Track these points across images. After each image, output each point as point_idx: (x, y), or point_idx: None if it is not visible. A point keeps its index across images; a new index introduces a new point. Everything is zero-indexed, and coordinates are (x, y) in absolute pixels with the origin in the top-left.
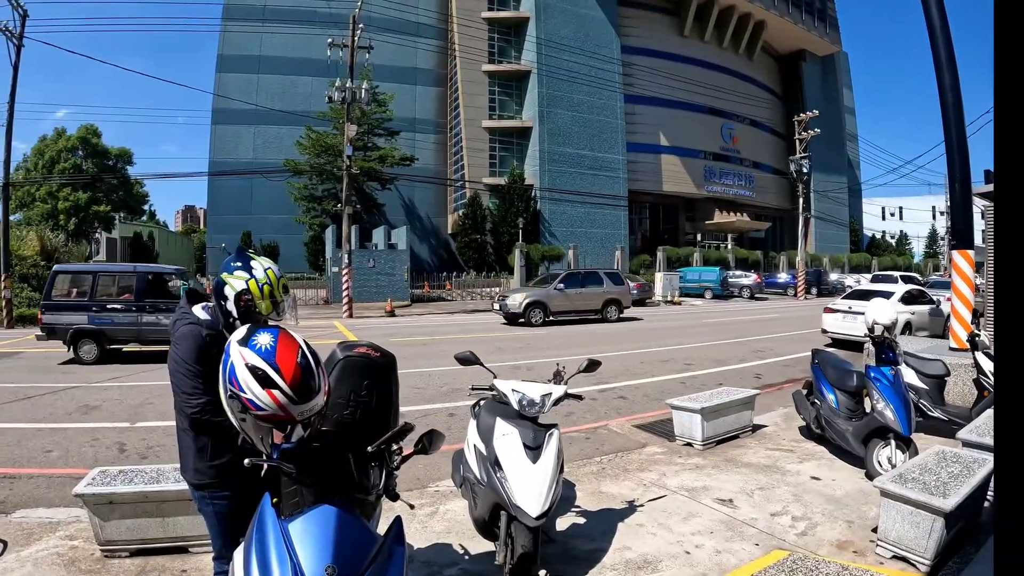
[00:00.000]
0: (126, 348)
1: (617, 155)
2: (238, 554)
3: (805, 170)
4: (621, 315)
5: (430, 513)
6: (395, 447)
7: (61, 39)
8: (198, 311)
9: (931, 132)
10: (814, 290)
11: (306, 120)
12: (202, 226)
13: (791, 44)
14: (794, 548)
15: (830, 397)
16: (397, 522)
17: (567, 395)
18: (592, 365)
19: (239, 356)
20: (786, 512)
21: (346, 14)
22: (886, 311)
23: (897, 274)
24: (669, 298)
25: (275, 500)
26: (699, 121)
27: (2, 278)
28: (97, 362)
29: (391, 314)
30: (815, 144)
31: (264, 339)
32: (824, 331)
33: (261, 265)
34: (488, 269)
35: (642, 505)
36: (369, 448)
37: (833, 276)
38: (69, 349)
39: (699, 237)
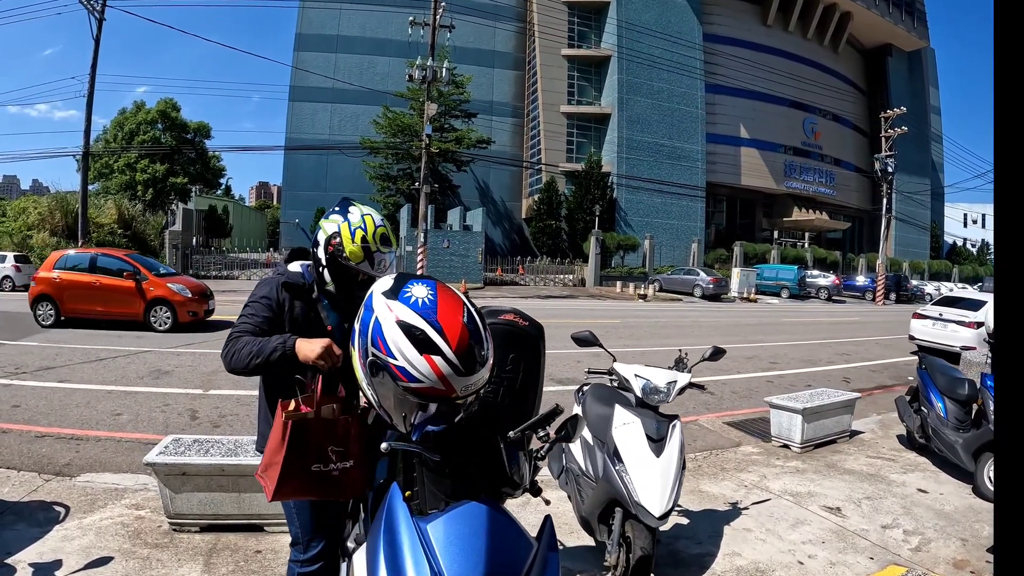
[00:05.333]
0: None
1: (696, 145)
2: (360, 559)
3: (890, 169)
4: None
5: (522, 503)
6: (541, 432)
7: (141, 15)
8: (293, 265)
9: None
10: (893, 296)
11: (383, 100)
12: (275, 202)
13: (877, 38)
14: (910, 564)
15: (938, 405)
16: (548, 524)
17: (691, 384)
18: (717, 353)
19: (387, 311)
20: (897, 525)
21: None
22: None
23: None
24: (745, 295)
25: (407, 493)
26: (781, 114)
27: (80, 244)
28: None
29: (464, 296)
30: (898, 143)
31: (420, 291)
32: (912, 338)
33: (359, 210)
34: (562, 256)
35: (746, 508)
36: (511, 433)
37: (912, 282)
38: None
39: (776, 234)
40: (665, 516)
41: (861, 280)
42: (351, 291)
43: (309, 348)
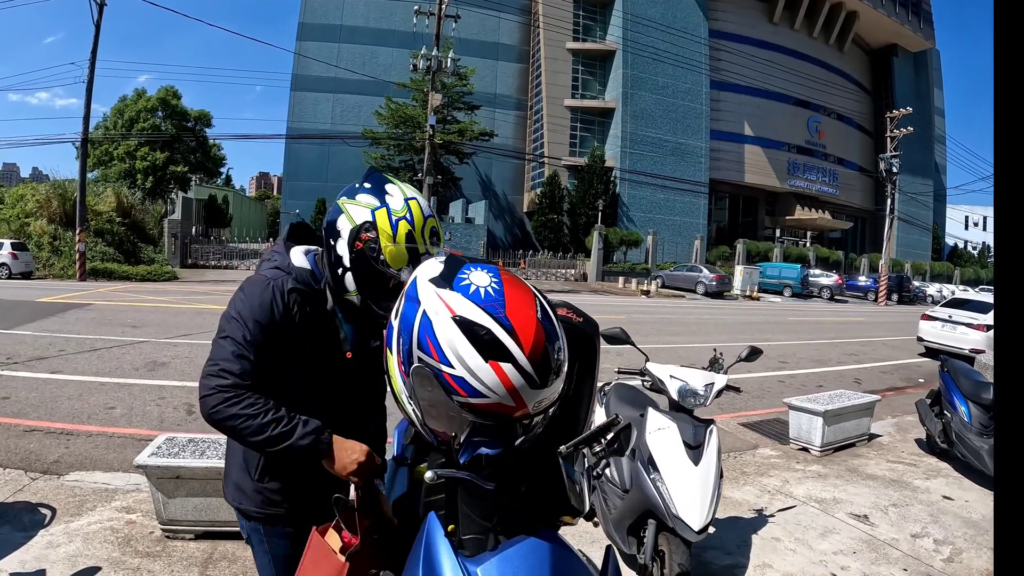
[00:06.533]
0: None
1: (700, 142)
2: None
3: (894, 170)
4: None
5: None
6: (598, 447)
7: (143, 6)
8: (297, 256)
9: None
10: (895, 296)
11: (385, 90)
12: (275, 193)
13: (883, 37)
14: None
15: (962, 410)
16: (612, 557)
17: (727, 386)
18: (754, 353)
19: (440, 303)
20: (926, 534)
21: None
22: None
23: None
24: (748, 293)
25: (450, 528)
26: (785, 112)
27: (77, 231)
28: None
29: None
30: (902, 144)
31: (481, 278)
32: (920, 339)
33: (401, 192)
34: (563, 250)
35: (772, 515)
36: (562, 448)
37: (914, 283)
38: None
39: (778, 232)
40: (704, 530)
41: (863, 280)
42: (378, 301)
43: (346, 458)
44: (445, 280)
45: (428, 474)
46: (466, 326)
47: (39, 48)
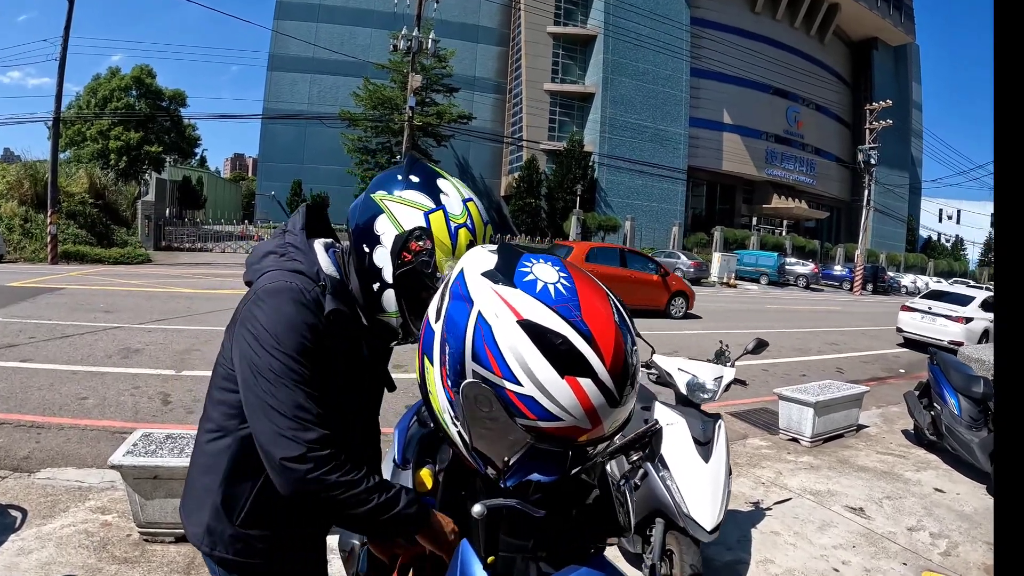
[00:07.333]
0: None
1: (679, 129)
2: None
3: (873, 161)
4: None
5: None
6: (635, 456)
7: None
8: (323, 257)
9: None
10: (869, 286)
11: (363, 71)
12: (251, 174)
13: (864, 31)
14: (943, 570)
15: (952, 402)
16: None
17: (735, 380)
18: (760, 346)
19: (500, 304)
20: (922, 527)
21: None
22: None
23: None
24: (725, 280)
25: (490, 560)
26: (764, 101)
27: (49, 213)
28: None
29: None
30: (880, 136)
31: (548, 273)
32: (899, 330)
33: (457, 191)
34: (541, 235)
35: (769, 508)
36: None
37: (889, 274)
38: None
39: (755, 220)
40: (716, 529)
41: (839, 269)
42: (414, 318)
43: (447, 527)
44: (503, 275)
45: (476, 508)
46: (537, 333)
47: (12, 26)
